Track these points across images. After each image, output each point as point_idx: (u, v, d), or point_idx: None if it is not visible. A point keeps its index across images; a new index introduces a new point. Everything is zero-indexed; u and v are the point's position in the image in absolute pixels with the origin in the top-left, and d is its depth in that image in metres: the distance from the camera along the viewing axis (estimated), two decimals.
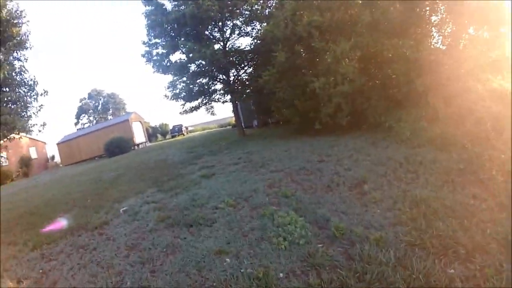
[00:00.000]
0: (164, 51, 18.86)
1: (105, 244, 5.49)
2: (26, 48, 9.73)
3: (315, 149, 10.20)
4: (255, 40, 19.12)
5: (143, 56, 19.49)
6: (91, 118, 73.80)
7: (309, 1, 12.97)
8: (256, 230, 4.90)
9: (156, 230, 5.61)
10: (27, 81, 9.98)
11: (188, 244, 4.81)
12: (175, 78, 19.61)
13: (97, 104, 74.89)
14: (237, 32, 19.63)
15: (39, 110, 10.46)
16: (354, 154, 8.65)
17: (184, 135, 50.78)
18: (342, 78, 11.29)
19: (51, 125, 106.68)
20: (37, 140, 41.77)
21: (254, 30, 19.52)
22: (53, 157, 45.83)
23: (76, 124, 72.85)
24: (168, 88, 19.90)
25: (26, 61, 9.96)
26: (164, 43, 18.69)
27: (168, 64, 18.98)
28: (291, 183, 7.13)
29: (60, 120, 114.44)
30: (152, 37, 19.18)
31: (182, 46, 16.16)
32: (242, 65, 20.16)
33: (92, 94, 74.56)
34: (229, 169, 9.79)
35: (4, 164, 32.26)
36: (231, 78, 20.29)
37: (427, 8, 11.57)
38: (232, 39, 19.85)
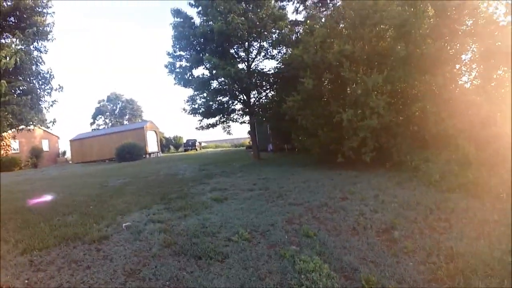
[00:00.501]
0: (188, 64, 18.67)
1: (101, 263, 4.86)
2: (48, 40, 9.42)
3: (336, 184, 9.62)
4: (280, 64, 18.75)
5: (166, 67, 19.27)
6: (107, 121, 74.24)
7: (339, 29, 12.61)
8: (274, 274, 4.26)
9: (160, 256, 4.98)
10: (43, 74, 9.60)
11: (195, 280, 4.16)
12: (195, 92, 19.33)
13: (114, 107, 75.49)
14: (262, 54, 19.36)
15: (52, 105, 10.05)
16: (380, 195, 8.06)
17: (197, 150, 51.05)
18: (371, 112, 10.74)
19: (66, 121, 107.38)
20: (51, 133, 42.27)
21: (280, 53, 19.23)
22: (64, 153, 45.97)
23: (91, 124, 73.37)
24: (187, 102, 19.63)
25: (46, 53, 9.64)
26: (188, 56, 18.50)
27: (190, 78, 18.75)
28: (313, 221, 6.49)
29: (76, 117, 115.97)
30: (177, 49, 19.01)
31: (206, 61, 15.89)
32: (265, 88, 19.78)
33: (111, 97, 75.20)
34: (243, 195, 9.18)
35: (14, 151, 32.87)
36: (252, 100, 19.91)
37: (458, 45, 11.13)
38: (257, 60, 19.60)
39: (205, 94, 18.98)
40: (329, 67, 12.13)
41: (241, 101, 20.08)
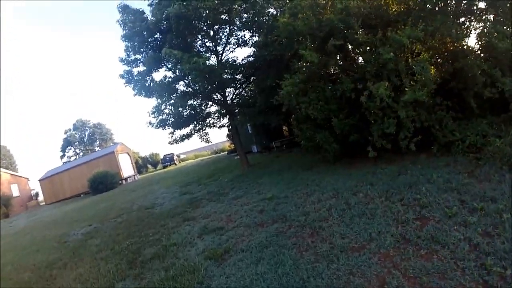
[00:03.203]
0: (146, 68, 15.17)
1: None
2: None
3: (386, 193, 6.45)
4: (256, 49, 15.45)
5: (122, 76, 15.72)
6: (77, 151, 70.10)
7: None
8: None
9: None
10: None
11: None
12: (160, 101, 15.80)
13: (83, 135, 71.40)
14: (233, 40, 16.07)
15: None
16: (472, 201, 4.99)
17: (176, 164, 48.19)
18: (410, 81, 7.70)
19: (35, 160, 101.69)
20: (19, 176, 39.54)
21: (254, 37, 15.96)
22: (37, 195, 42.06)
23: (62, 157, 69.27)
24: (152, 113, 16.06)
25: None
26: (145, 57, 15.04)
27: (152, 84, 15.19)
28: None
29: (45, 154, 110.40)
30: (131, 53, 15.52)
31: (167, 56, 12.34)
32: (241, 81, 16.51)
33: (77, 125, 71.09)
34: (253, 239, 5.89)
35: None
36: (229, 98, 16.64)
37: None
38: (228, 50, 16.30)
39: (172, 101, 15.50)
40: (331, 33, 9.01)
41: (216, 101, 16.76)
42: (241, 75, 15.85)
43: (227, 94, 16.53)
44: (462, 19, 8.82)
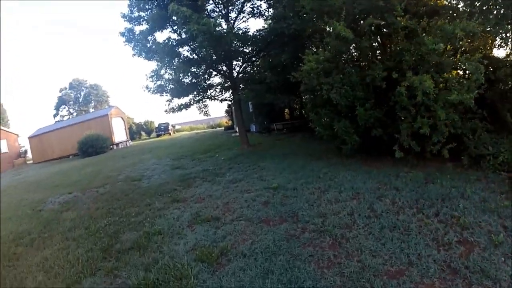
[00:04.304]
0: (148, 27, 13.74)
1: None
2: None
3: (417, 202, 5.44)
4: (272, 22, 14.02)
5: (123, 34, 14.30)
6: (71, 110, 67.86)
7: None
8: None
9: None
10: None
11: None
12: (160, 65, 14.41)
13: (78, 95, 68.80)
14: (248, 9, 14.67)
15: None
16: None
17: (170, 134, 46.69)
18: (455, 80, 6.63)
19: (28, 116, 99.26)
20: (9, 132, 37.96)
21: (272, 8, 14.53)
22: (25, 152, 40.61)
23: (55, 116, 66.81)
24: (150, 77, 14.71)
25: None
26: (150, 15, 13.57)
27: (153, 45, 13.78)
28: None
29: (39, 110, 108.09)
30: (134, 9, 14.08)
31: (174, 13, 10.81)
32: (252, 54, 15.16)
33: (74, 84, 68.43)
34: (256, 238, 4.80)
35: None
36: (235, 70, 15.33)
37: None
38: (240, 20, 14.90)
39: (173, 66, 14.12)
40: (368, 11, 7.75)
41: (222, 72, 15.47)
42: (252, 47, 14.47)
43: (233, 67, 15.21)
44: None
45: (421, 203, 5.41)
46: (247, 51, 14.74)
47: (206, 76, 15.71)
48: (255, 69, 16.04)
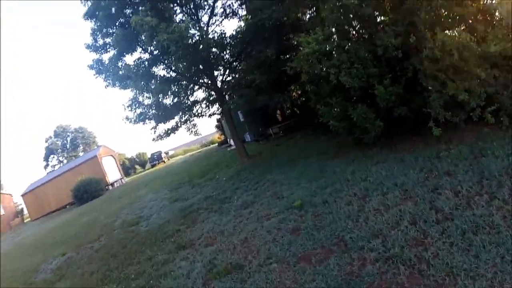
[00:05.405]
0: (116, 51, 12.33)
1: None
2: None
3: (488, 187, 4.08)
4: (249, 17, 12.63)
5: (91, 67, 12.83)
6: (60, 158, 65.95)
7: None
8: None
9: None
10: None
11: None
12: (136, 91, 12.97)
13: (64, 142, 67.01)
14: (219, 10, 13.35)
15: None
16: None
17: (164, 162, 45.61)
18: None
19: (21, 173, 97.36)
20: (2, 193, 37.51)
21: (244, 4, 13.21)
22: (21, 211, 39.44)
23: (46, 167, 64.81)
24: (128, 107, 13.25)
25: None
26: (114, 38, 12.09)
27: (125, 71, 12.31)
28: None
29: (28, 166, 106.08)
30: (98, 36, 12.64)
31: (138, 27, 9.20)
32: (233, 59, 13.79)
33: (58, 131, 66.65)
34: None
35: None
36: (219, 80, 13.95)
37: None
38: (213, 24, 13.53)
39: (151, 88, 12.62)
40: None
41: (204, 85, 14.06)
42: (231, 51, 13.11)
43: (216, 76, 13.82)
44: None
45: (487, 184, 4.15)
46: (227, 57, 13.41)
47: (188, 92, 14.32)
48: (240, 73, 14.64)
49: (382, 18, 7.03)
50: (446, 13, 5.92)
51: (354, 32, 7.28)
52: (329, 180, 6.47)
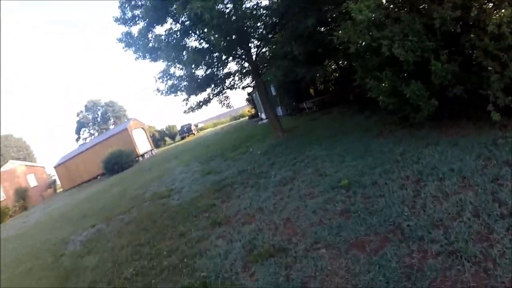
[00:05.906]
0: (146, 23, 11.99)
1: None
2: None
3: None
4: None
5: (120, 40, 12.55)
6: (92, 131, 67.86)
7: None
8: None
9: None
10: None
11: None
12: (167, 62, 12.64)
13: (95, 115, 68.88)
14: None
15: None
16: None
17: (194, 134, 45.83)
18: None
19: (54, 146, 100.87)
20: (34, 166, 38.87)
21: None
22: (54, 182, 40.97)
23: (77, 140, 67.19)
24: (159, 78, 12.98)
25: None
26: (145, 9, 11.72)
27: (155, 43, 11.98)
28: None
29: (62, 138, 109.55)
30: (127, 9, 12.29)
31: None
32: (268, 30, 13.18)
33: (89, 105, 68.46)
34: (361, 281, 3.06)
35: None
36: (253, 51, 13.42)
37: None
38: None
39: (183, 60, 12.25)
40: None
41: (238, 56, 13.61)
42: (265, 22, 12.54)
43: (250, 48, 13.31)
44: None
45: None
46: (262, 28, 12.85)
47: (221, 64, 13.88)
48: (277, 45, 14.04)
49: None
50: None
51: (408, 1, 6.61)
52: (377, 160, 5.99)
